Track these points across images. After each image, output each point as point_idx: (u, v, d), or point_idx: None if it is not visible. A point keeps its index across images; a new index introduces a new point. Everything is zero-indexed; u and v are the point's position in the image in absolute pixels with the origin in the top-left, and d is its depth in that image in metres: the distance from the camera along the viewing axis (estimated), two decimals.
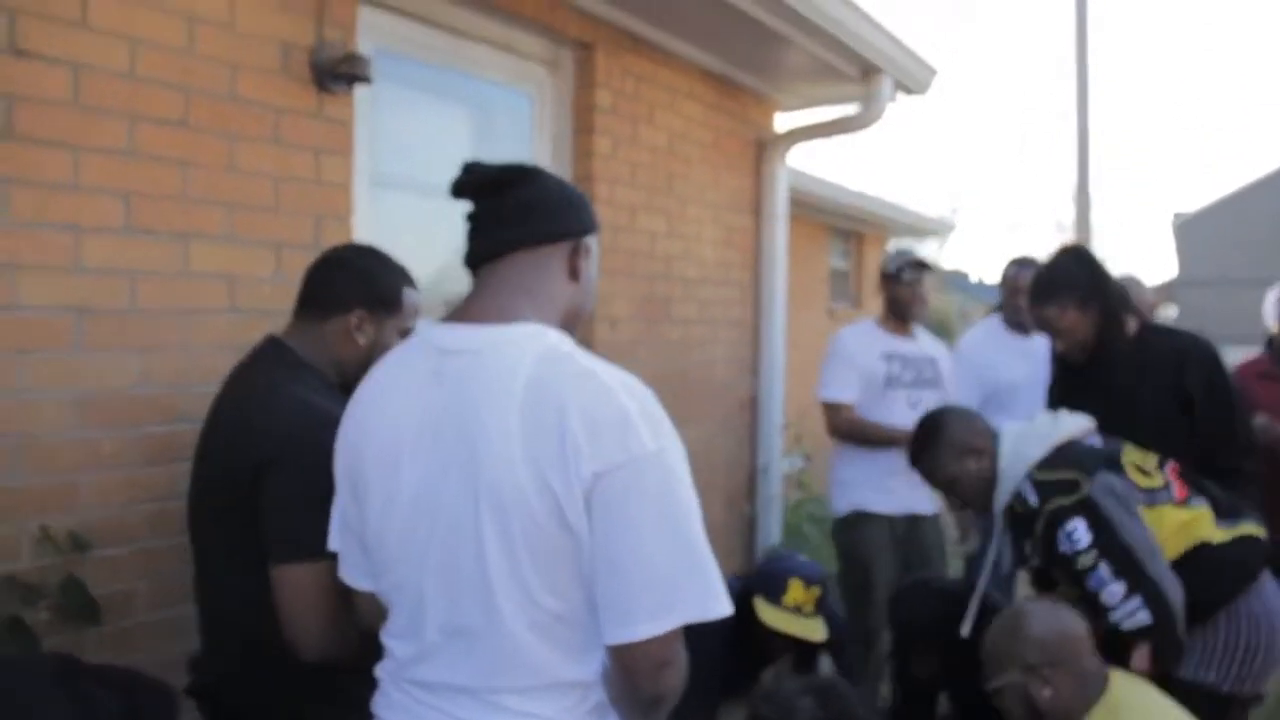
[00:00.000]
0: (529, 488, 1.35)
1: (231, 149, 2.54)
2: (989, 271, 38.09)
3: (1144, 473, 2.51)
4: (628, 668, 1.41)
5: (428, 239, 3.28)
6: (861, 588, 3.81)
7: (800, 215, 7.30)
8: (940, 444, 2.64)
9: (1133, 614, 2.31)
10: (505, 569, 1.38)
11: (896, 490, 3.81)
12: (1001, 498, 2.54)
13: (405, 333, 2.01)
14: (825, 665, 3.25)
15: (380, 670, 1.56)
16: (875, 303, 4.36)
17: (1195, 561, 2.41)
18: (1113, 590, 2.32)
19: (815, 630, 3.01)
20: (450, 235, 2.48)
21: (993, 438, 2.61)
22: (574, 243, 1.55)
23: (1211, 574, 2.43)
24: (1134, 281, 4.19)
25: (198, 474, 1.99)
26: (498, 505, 1.36)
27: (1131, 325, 2.91)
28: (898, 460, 3.60)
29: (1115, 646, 2.35)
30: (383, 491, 1.48)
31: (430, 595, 1.44)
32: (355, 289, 2.01)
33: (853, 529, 3.87)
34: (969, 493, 2.63)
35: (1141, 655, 2.35)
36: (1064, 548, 2.37)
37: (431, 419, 1.44)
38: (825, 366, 3.95)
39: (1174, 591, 2.32)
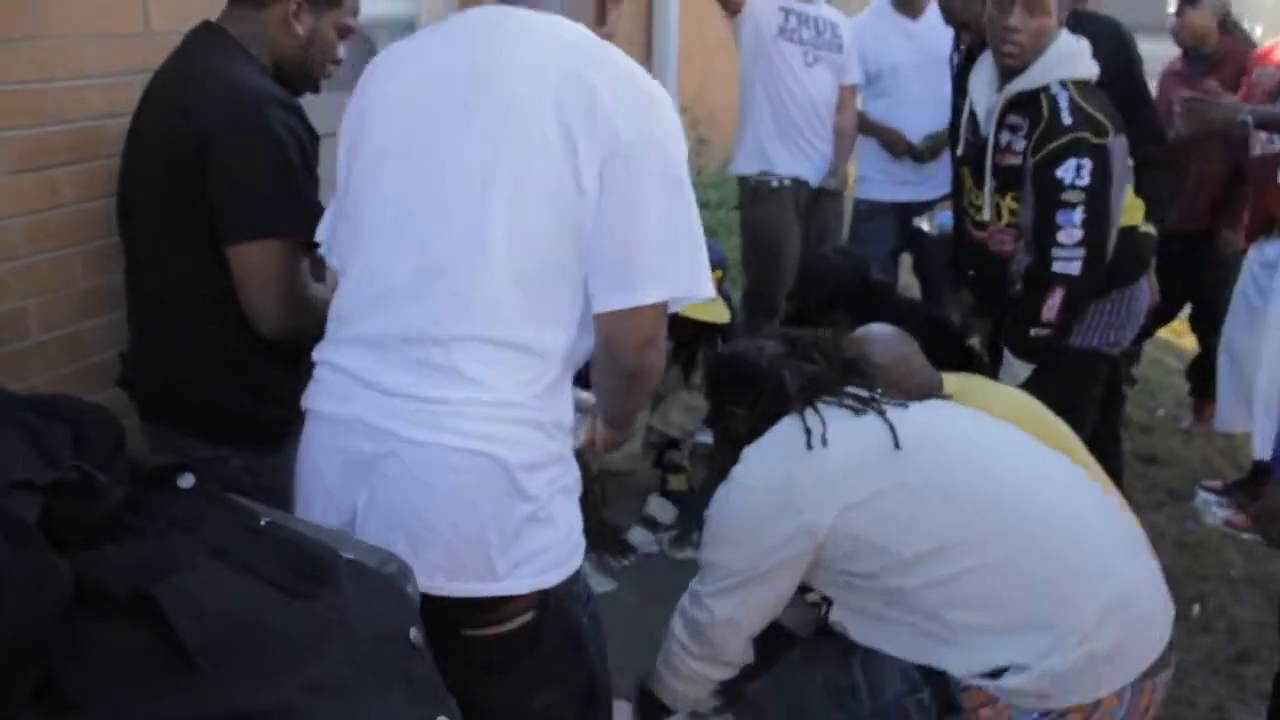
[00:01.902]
0: (556, 143, 1.42)
1: None
2: None
3: None
4: (614, 339, 1.47)
5: None
6: (768, 260, 3.88)
7: None
8: None
9: (1070, 260, 2.44)
10: (507, 214, 1.42)
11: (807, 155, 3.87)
12: (1020, 84, 2.48)
13: (344, 30, 1.96)
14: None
15: (317, 353, 1.55)
16: None
17: (1122, 238, 2.57)
18: (1072, 233, 2.42)
19: (719, 313, 3.08)
20: None
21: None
22: None
23: (1130, 255, 2.64)
24: None
25: (132, 164, 1.90)
26: (520, 154, 1.43)
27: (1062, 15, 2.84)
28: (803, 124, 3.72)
29: (1029, 291, 2.52)
30: (384, 134, 1.51)
31: (411, 237, 1.45)
32: None
33: (760, 205, 3.90)
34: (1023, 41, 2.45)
35: (1052, 305, 2.48)
36: (1065, 175, 2.41)
37: (461, 72, 1.48)
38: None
39: (1105, 262, 2.44)
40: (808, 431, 1.75)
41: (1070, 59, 2.49)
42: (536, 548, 1.47)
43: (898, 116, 3.92)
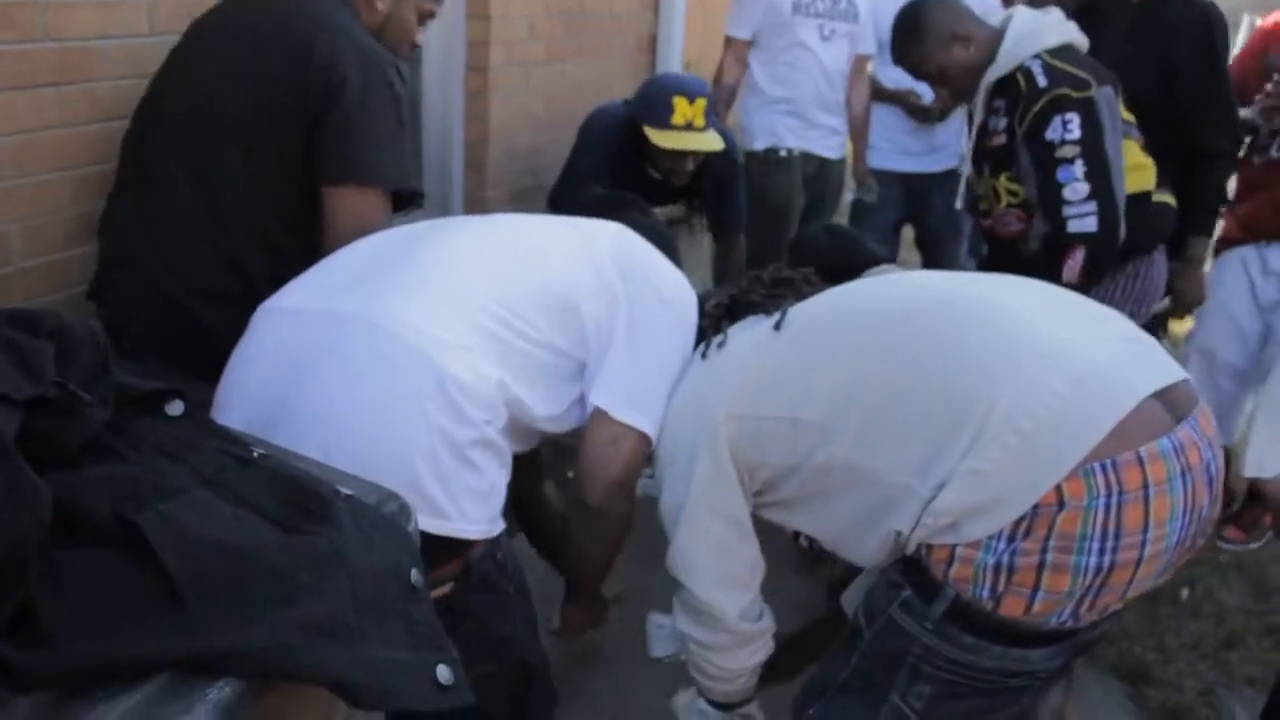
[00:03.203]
0: None
1: None
2: None
3: (1124, 107, 2.55)
4: None
5: None
6: (775, 229, 3.80)
7: None
8: (925, 34, 2.58)
9: (1084, 217, 2.40)
10: None
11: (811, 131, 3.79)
12: (995, 72, 2.52)
13: (425, 14, 2.01)
14: None
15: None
16: None
17: (1133, 205, 2.50)
18: (1077, 188, 2.40)
19: (712, 142, 3.11)
20: None
21: (979, 23, 2.58)
22: None
23: (1142, 222, 2.55)
24: None
25: (201, 90, 1.90)
26: None
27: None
28: (815, 98, 3.68)
29: (1050, 256, 2.47)
30: None
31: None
32: None
33: (768, 174, 3.82)
34: (956, 82, 2.60)
35: (1073, 266, 2.44)
36: (1054, 134, 2.40)
37: None
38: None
39: (1121, 213, 2.39)
40: (706, 344, 1.71)
41: (1033, 35, 2.49)
42: (463, 489, 1.44)
43: (911, 82, 3.83)
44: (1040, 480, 1.35)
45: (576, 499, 1.67)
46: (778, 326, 1.64)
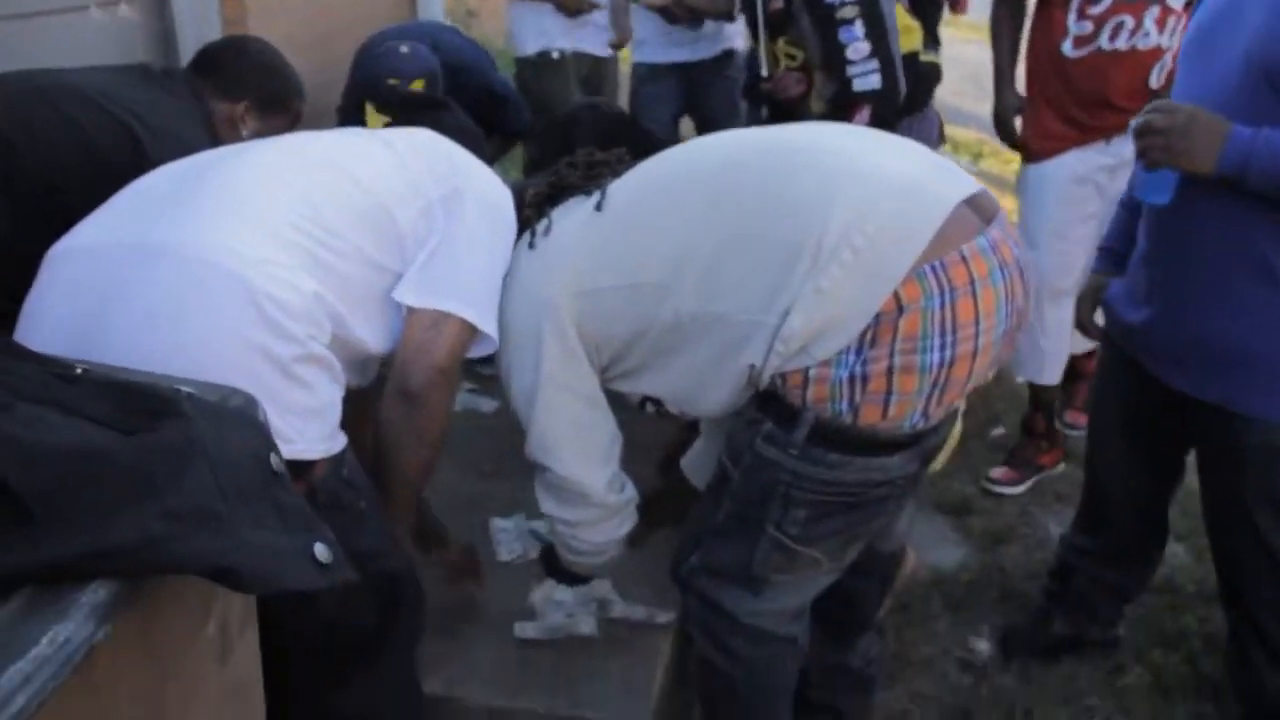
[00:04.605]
0: None
1: None
2: None
3: None
4: None
5: None
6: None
7: None
8: None
9: (867, 75, 2.55)
10: None
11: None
12: None
13: None
14: None
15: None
16: None
17: (905, 65, 2.68)
18: (859, 48, 2.54)
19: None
20: None
21: None
22: None
23: (914, 80, 2.73)
24: None
25: None
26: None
27: None
28: None
29: (835, 114, 2.59)
30: None
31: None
32: (255, 79, 2.14)
33: (542, 79, 3.80)
34: None
35: (859, 123, 2.58)
36: None
37: None
38: None
39: (900, 71, 2.51)
40: (532, 233, 1.71)
41: None
42: (295, 408, 1.40)
43: None
44: (879, 289, 1.44)
45: (392, 390, 1.58)
46: (599, 206, 1.66)
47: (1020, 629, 2.48)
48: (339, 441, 1.49)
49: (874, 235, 1.45)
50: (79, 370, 1.03)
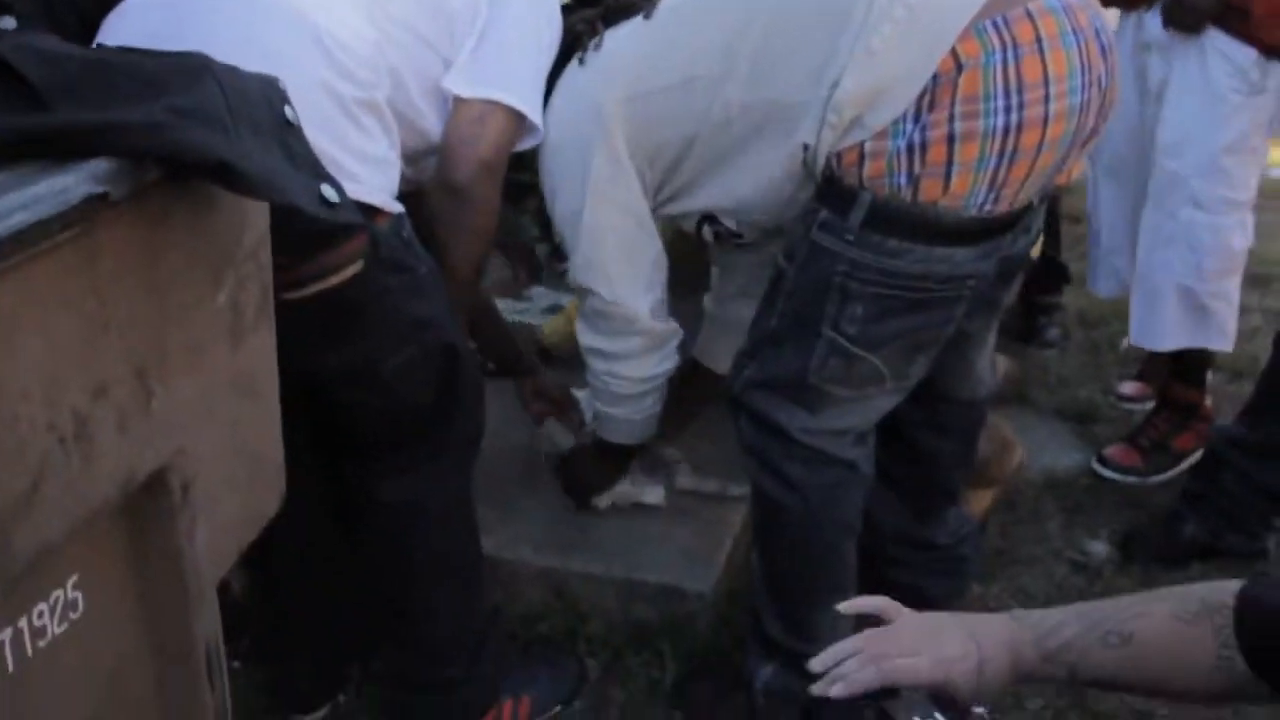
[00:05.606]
0: None
1: None
2: None
3: None
4: None
5: None
6: None
7: None
8: None
9: None
10: None
11: None
12: None
13: None
14: None
15: None
16: None
17: None
18: None
19: None
20: None
21: None
22: None
23: None
24: None
25: None
26: None
27: None
28: None
29: None
30: None
31: None
32: None
33: None
34: None
35: None
36: None
37: None
38: None
39: None
40: (583, 50, 1.68)
41: None
42: (357, 149, 1.41)
43: None
44: (935, 46, 1.37)
45: (438, 183, 1.58)
46: (648, 16, 1.65)
47: (1145, 532, 2.31)
48: (398, 205, 1.49)
49: None
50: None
